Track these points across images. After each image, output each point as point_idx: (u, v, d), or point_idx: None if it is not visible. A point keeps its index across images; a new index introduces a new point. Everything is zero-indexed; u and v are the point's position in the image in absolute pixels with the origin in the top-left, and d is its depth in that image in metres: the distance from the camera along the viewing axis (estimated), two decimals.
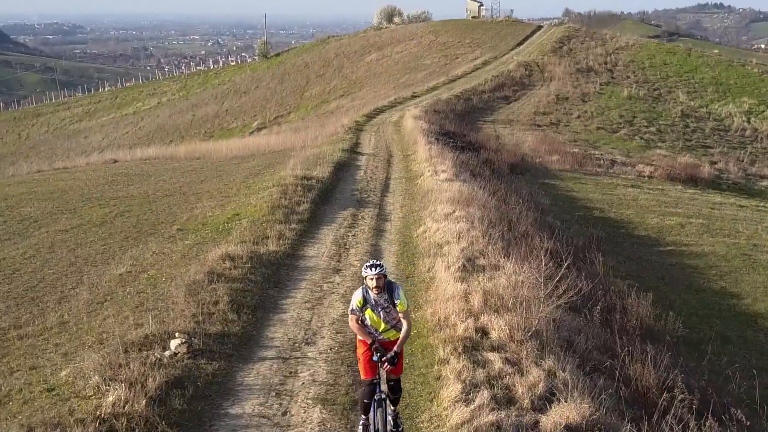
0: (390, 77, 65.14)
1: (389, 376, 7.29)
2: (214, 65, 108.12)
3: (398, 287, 7.17)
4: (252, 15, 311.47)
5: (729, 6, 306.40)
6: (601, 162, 34.34)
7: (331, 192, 20.31)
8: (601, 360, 9.91)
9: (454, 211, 16.27)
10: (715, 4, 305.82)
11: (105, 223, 17.55)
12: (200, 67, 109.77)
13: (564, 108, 47.58)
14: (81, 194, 21.98)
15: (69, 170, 30.43)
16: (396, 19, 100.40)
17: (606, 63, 60.81)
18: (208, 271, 11.96)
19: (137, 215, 18.23)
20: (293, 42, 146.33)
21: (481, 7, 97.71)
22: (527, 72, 57.01)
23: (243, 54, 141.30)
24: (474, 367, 8.76)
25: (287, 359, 9.45)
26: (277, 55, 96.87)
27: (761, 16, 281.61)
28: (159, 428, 7.40)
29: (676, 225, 23.39)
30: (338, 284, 12.59)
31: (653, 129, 44.60)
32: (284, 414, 8.08)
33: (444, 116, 38.01)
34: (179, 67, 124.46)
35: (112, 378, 8.08)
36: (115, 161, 32.96)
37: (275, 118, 61.72)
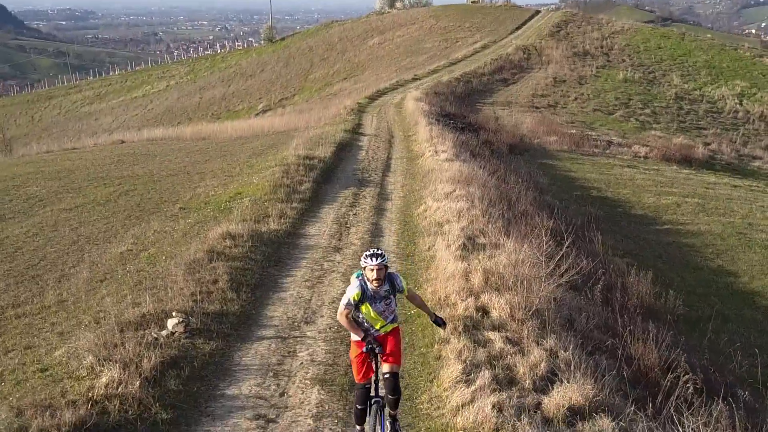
0: (392, 60, 64.33)
1: (385, 368, 6.43)
2: (221, 49, 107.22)
3: (398, 275, 6.49)
4: (258, 1, 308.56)
5: None
6: (598, 143, 33.79)
7: (333, 171, 19.78)
8: (603, 339, 9.44)
9: (455, 191, 15.75)
10: None
11: (109, 202, 17.05)
12: (208, 52, 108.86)
13: (561, 90, 46.99)
14: (87, 174, 21.47)
15: (77, 150, 29.88)
16: (398, 4, 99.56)
17: (602, 47, 60.00)
18: (209, 250, 11.46)
19: (141, 194, 17.73)
20: (298, 27, 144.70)
21: None
22: (525, 55, 56.25)
23: (249, 39, 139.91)
24: (474, 347, 8.29)
25: (286, 339, 8.98)
26: (282, 40, 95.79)
27: (752, 2, 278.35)
28: (152, 410, 6.94)
29: (672, 204, 22.87)
30: (339, 263, 12.11)
31: (648, 111, 44.04)
32: (282, 395, 7.62)
33: (444, 98, 37.38)
34: (188, 52, 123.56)
35: (107, 358, 7.60)
36: (123, 142, 32.38)
37: (280, 101, 61.04)
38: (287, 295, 10.49)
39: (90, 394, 6.95)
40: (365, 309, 6.33)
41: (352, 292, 6.24)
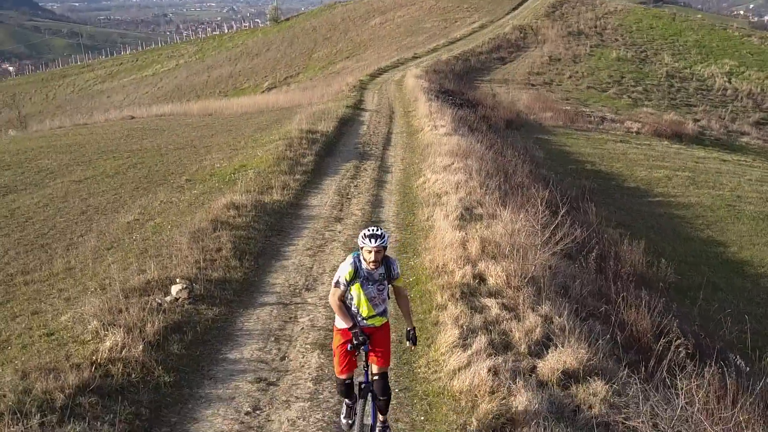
0: (393, 40, 63.62)
1: (374, 369, 5.74)
2: (229, 30, 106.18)
3: (395, 261, 5.70)
4: None
5: None
6: (592, 119, 33.46)
7: (335, 145, 19.48)
8: (597, 306, 9.23)
9: (453, 163, 15.48)
10: None
11: (118, 174, 16.80)
12: (216, 32, 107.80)
13: (556, 68, 46.50)
14: (97, 147, 21.18)
15: (88, 126, 29.49)
16: None
17: (596, 27, 59.31)
18: (213, 219, 11.23)
19: (149, 167, 17.46)
20: (303, 8, 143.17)
21: None
22: (522, 35, 55.59)
23: (256, 19, 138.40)
24: (471, 313, 8.10)
25: (287, 305, 8.78)
26: (287, 20, 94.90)
27: None
28: (155, 373, 6.76)
29: (663, 177, 22.59)
30: (339, 232, 11.89)
31: (640, 88, 43.58)
32: (282, 359, 7.44)
33: (443, 76, 36.94)
34: (196, 32, 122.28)
35: (111, 323, 7.40)
36: (132, 117, 31.99)
37: (285, 79, 60.47)
38: (289, 263, 10.28)
39: (94, 358, 6.76)
40: (356, 290, 5.60)
41: (345, 270, 5.55)
